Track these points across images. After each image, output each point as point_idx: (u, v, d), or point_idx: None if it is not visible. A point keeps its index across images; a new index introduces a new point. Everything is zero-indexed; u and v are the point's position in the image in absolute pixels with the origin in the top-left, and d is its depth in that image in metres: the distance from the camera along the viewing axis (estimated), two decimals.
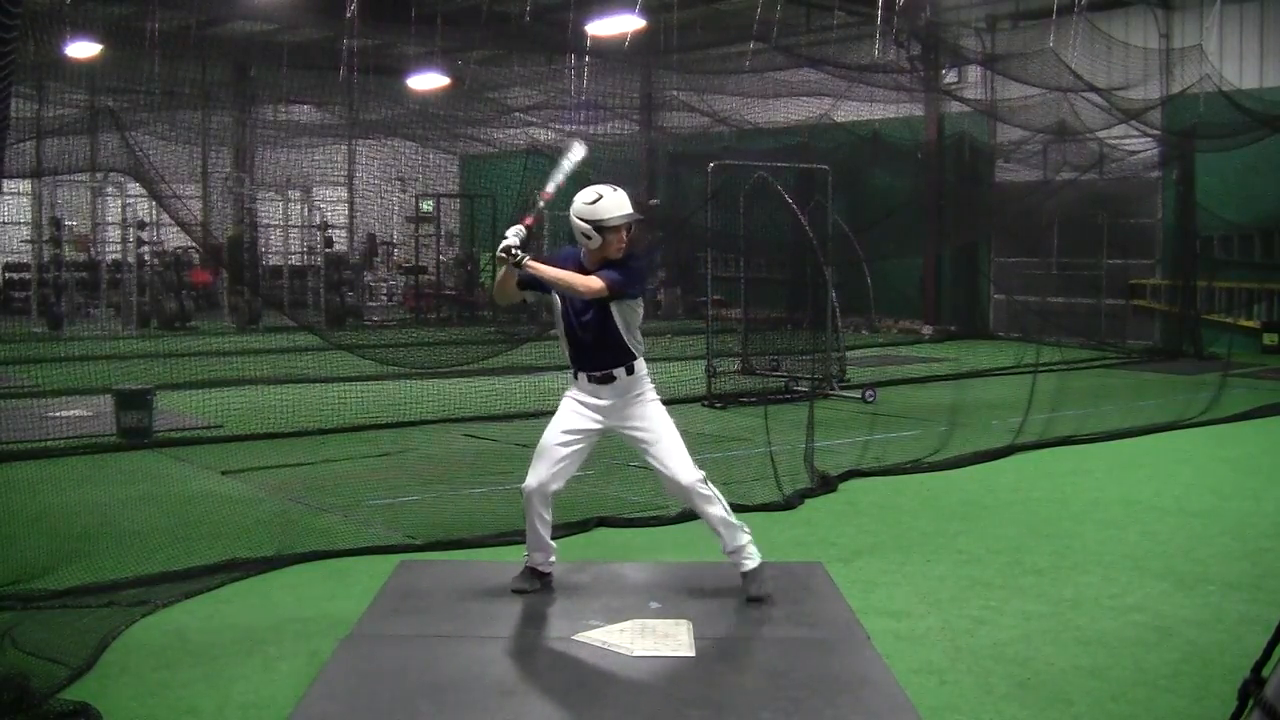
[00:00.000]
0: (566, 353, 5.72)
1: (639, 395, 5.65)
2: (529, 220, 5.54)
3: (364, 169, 22.33)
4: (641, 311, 5.71)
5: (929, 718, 4.39)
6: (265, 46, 21.82)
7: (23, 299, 23.42)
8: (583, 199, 5.52)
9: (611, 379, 5.61)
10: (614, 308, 5.54)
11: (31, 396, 11.93)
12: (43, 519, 7.15)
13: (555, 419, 5.71)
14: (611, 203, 5.49)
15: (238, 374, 13.39)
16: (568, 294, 5.51)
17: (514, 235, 5.44)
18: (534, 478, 5.63)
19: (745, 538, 5.66)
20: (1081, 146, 19.46)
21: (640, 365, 5.67)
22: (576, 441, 5.66)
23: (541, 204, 5.67)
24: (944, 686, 4.75)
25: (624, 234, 5.54)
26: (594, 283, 5.44)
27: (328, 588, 6.09)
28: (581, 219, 5.50)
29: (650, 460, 5.65)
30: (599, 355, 5.61)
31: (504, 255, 5.41)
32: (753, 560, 5.67)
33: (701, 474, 5.60)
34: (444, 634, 5.23)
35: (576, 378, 5.69)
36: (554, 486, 5.67)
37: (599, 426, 5.67)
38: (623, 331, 5.58)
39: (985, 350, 19.49)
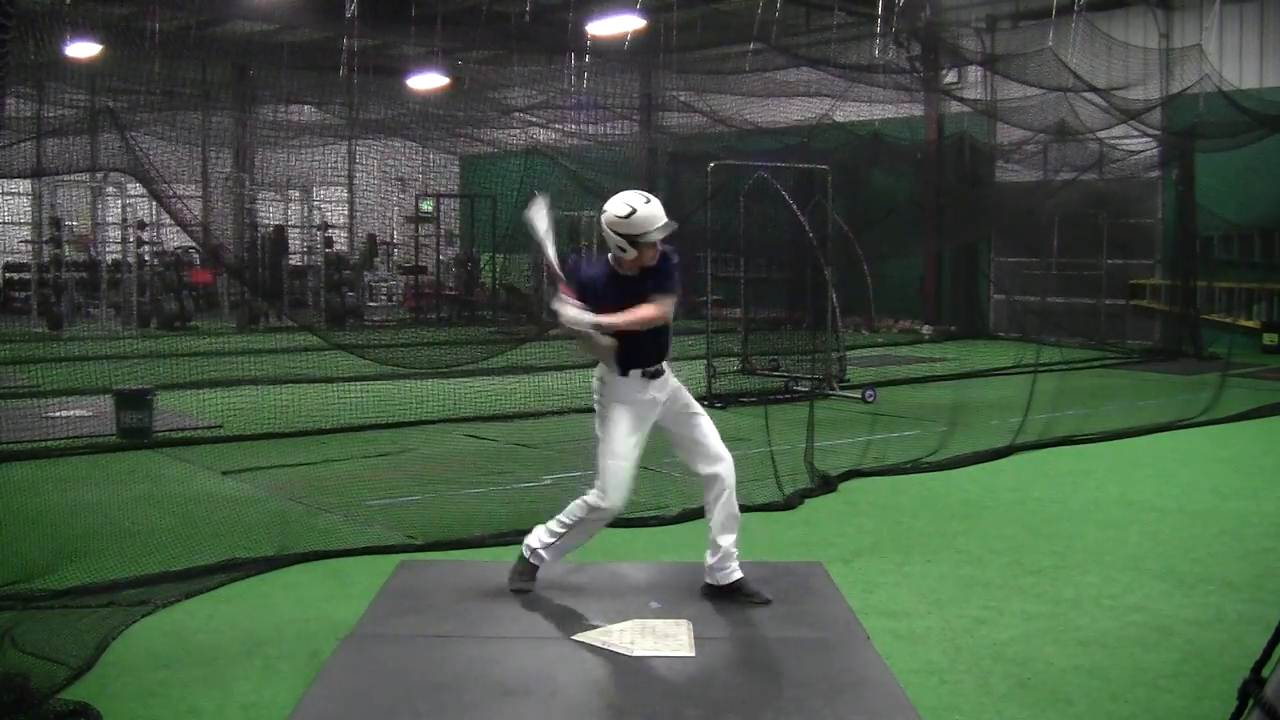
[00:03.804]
0: (614, 355, 5.55)
1: (673, 381, 5.71)
2: (563, 288, 5.54)
3: (364, 169, 22.34)
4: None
5: (929, 718, 4.39)
6: (265, 46, 21.80)
7: (23, 299, 23.44)
8: (615, 212, 5.43)
9: (662, 373, 5.64)
10: None
11: (31, 396, 11.93)
12: (43, 519, 7.15)
13: (630, 432, 5.58)
14: (645, 216, 5.42)
15: (238, 374, 13.39)
16: (642, 329, 5.50)
17: (578, 311, 5.42)
18: (620, 498, 5.59)
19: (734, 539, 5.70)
20: (1081, 146, 19.44)
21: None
22: (641, 448, 5.69)
23: (554, 265, 5.73)
24: (944, 686, 4.75)
25: (659, 244, 5.51)
26: (656, 309, 5.50)
27: (328, 588, 6.09)
28: (616, 232, 5.44)
29: (695, 434, 5.65)
30: (653, 351, 5.62)
31: (594, 338, 5.41)
32: (737, 572, 5.68)
33: None
34: (444, 634, 5.23)
35: (626, 375, 5.57)
36: None
37: (651, 425, 5.68)
38: (669, 328, 5.67)
39: (985, 350, 19.49)
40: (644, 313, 5.48)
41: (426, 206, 26.42)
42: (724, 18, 21.32)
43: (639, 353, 5.58)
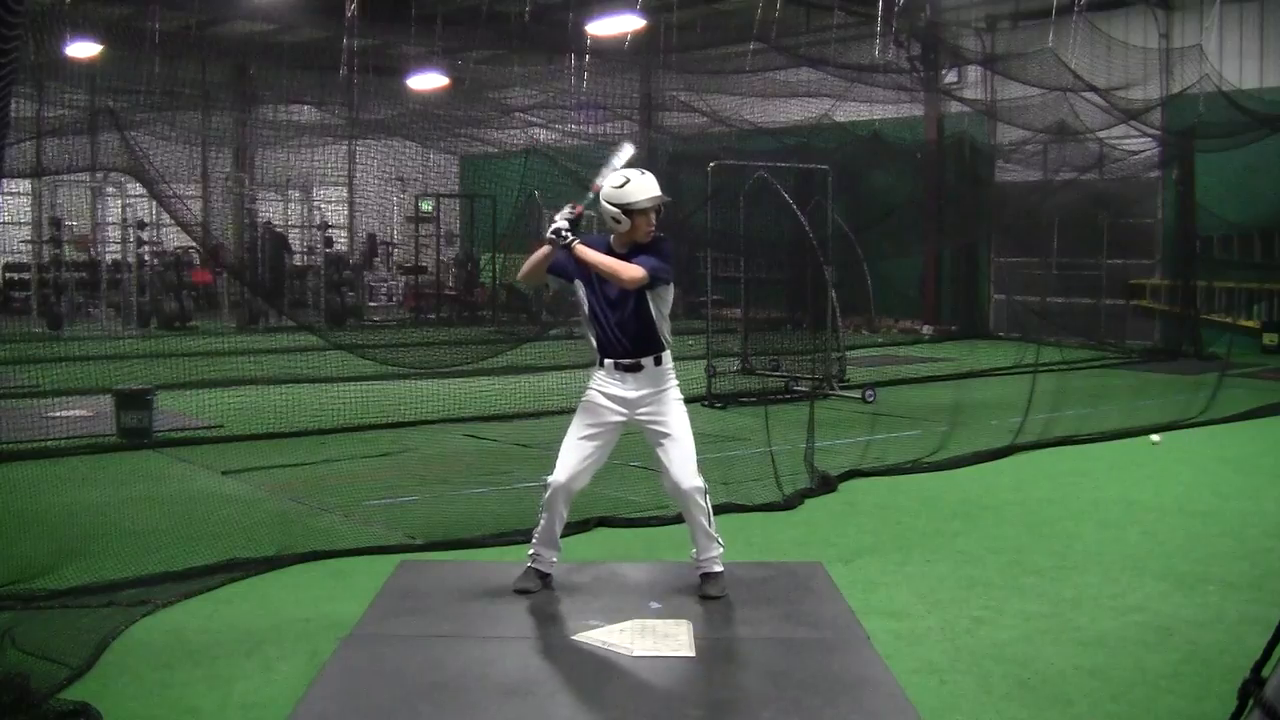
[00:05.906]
0: (593, 340, 5.71)
1: (664, 390, 5.67)
2: (579, 208, 5.59)
3: (364, 169, 22.31)
4: (672, 298, 5.75)
5: (929, 718, 4.39)
6: (265, 46, 21.80)
7: (23, 299, 23.42)
8: (610, 183, 5.59)
9: (639, 368, 5.63)
10: (649, 294, 5.58)
11: (31, 396, 11.93)
12: (43, 519, 7.15)
13: (579, 413, 5.73)
14: (639, 186, 5.55)
15: (238, 374, 13.38)
16: (610, 279, 5.51)
17: (564, 217, 5.52)
18: (562, 472, 5.63)
19: (718, 550, 5.75)
20: (1081, 146, 19.44)
21: (668, 358, 5.70)
22: (600, 435, 5.67)
23: (591, 195, 5.69)
24: (944, 686, 4.75)
25: (652, 216, 5.60)
26: (636, 270, 5.47)
27: (328, 588, 6.09)
28: (610, 203, 5.56)
29: (659, 454, 5.67)
30: (629, 343, 5.62)
31: (554, 237, 5.50)
32: (717, 565, 5.76)
33: (704, 484, 5.64)
34: (444, 634, 5.23)
35: (602, 365, 5.69)
36: (581, 483, 5.71)
37: (621, 419, 5.68)
38: (655, 320, 5.62)
39: (985, 350, 19.47)
40: (616, 263, 5.50)
41: (426, 206, 26.42)
42: (724, 18, 21.31)
43: (612, 344, 5.63)
